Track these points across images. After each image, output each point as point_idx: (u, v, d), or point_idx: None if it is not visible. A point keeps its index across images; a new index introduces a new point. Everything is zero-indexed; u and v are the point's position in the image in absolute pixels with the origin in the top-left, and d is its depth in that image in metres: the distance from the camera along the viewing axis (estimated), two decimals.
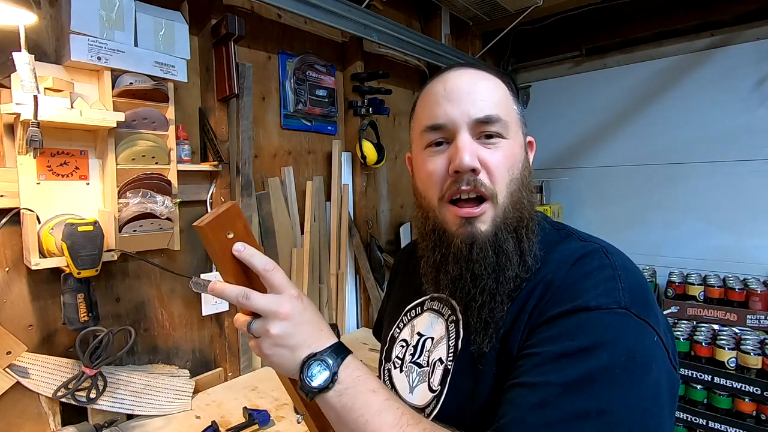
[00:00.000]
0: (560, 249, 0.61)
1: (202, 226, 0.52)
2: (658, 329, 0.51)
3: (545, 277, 0.58)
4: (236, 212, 0.54)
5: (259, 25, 1.68)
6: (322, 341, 0.53)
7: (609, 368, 0.47)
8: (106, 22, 1.11)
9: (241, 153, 1.52)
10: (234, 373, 1.53)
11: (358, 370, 0.52)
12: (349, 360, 0.53)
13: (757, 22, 2.15)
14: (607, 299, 0.51)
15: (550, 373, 0.49)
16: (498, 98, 0.63)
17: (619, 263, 0.56)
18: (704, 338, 1.71)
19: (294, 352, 0.52)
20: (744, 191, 2.22)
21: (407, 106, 2.44)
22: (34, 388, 1.10)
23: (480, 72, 0.65)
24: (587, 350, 0.48)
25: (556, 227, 0.67)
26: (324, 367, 0.51)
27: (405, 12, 2.38)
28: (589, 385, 0.47)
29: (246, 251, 0.53)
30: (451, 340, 0.65)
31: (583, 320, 0.51)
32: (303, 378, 0.51)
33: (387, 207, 2.33)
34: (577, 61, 2.76)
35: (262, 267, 0.53)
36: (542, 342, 0.52)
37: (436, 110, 0.63)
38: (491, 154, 0.61)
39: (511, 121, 0.63)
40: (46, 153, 1.10)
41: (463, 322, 0.64)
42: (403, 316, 0.76)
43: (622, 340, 0.49)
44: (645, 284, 0.56)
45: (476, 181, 0.60)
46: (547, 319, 0.54)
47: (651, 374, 0.48)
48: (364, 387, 0.51)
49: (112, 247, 1.15)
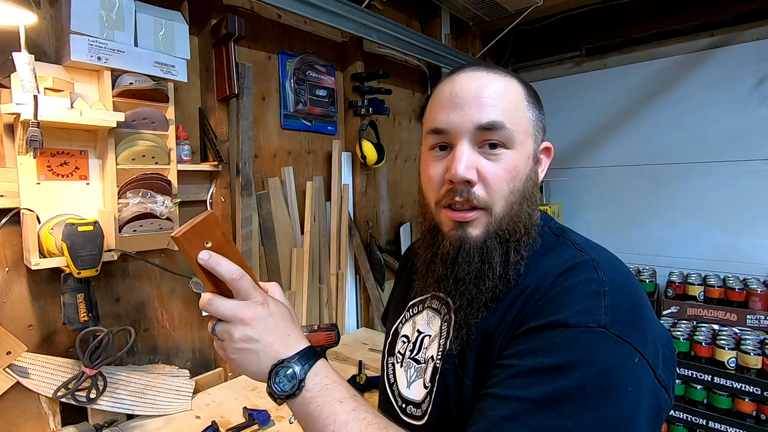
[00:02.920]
0: (552, 256, 0.60)
1: (177, 237, 0.51)
2: (644, 349, 0.50)
3: (530, 286, 0.57)
4: (214, 221, 0.54)
5: (259, 25, 1.68)
6: (290, 347, 0.53)
7: (581, 388, 0.46)
8: (106, 22, 1.11)
9: (241, 153, 1.52)
10: (234, 373, 1.52)
11: (326, 378, 0.52)
12: (318, 367, 0.53)
13: (757, 22, 2.15)
14: (586, 317, 0.50)
15: (521, 388, 0.49)
16: (507, 104, 0.60)
17: (607, 278, 0.54)
18: (704, 338, 1.71)
19: (259, 357, 0.53)
20: (744, 191, 2.22)
21: (407, 106, 2.45)
22: (34, 388, 1.10)
23: (492, 74, 0.62)
24: (561, 368, 0.48)
25: (556, 233, 0.65)
26: (291, 374, 0.51)
27: (405, 12, 2.38)
28: (559, 404, 0.46)
29: (211, 260, 0.52)
30: (442, 338, 0.65)
31: (560, 337, 0.50)
32: (270, 385, 0.51)
33: (387, 207, 2.33)
34: (577, 61, 2.76)
35: (228, 276, 0.53)
36: (518, 354, 0.52)
37: (440, 113, 0.62)
38: (491, 165, 0.60)
39: (519, 130, 0.61)
40: (46, 153, 1.10)
41: (454, 323, 0.64)
42: (405, 312, 0.77)
43: (597, 360, 0.48)
44: (636, 300, 0.54)
45: (470, 193, 0.59)
46: (525, 330, 0.53)
47: (627, 396, 0.47)
48: (332, 396, 0.51)
49: (112, 247, 1.15)
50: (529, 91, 0.64)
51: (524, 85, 0.64)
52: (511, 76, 0.63)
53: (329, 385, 0.52)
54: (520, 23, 2.43)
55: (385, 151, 2.04)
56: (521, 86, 0.63)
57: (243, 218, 1.54)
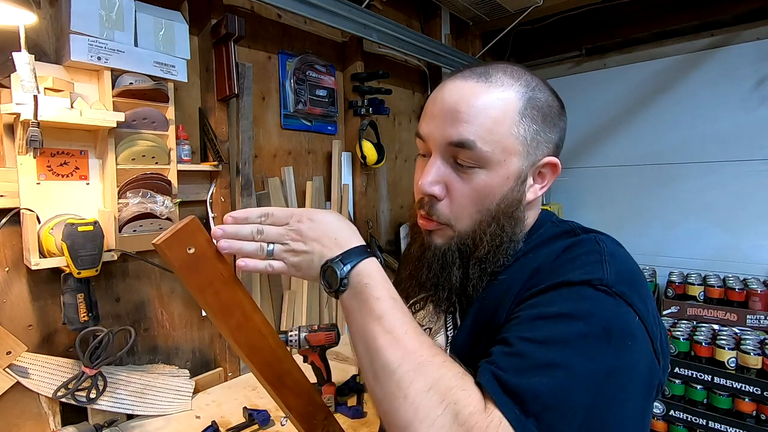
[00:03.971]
0: (556, 243, 0.61)
1: (158, 244, 0.51)
2: (644, 315, 0.51)
3: (534, 264, 0.58)
4: (196, 226, 0.53)
5: (259, 25, 1.68)
6: (335, 249, 0.55)
7: (583, 336, 0.48)
8: (106, 22, 1.11)
9: (241, 153, 1.52)
10: (234, 373, 1.53)
11: (368, 278, 0.53)
12: (362, 266, 0.54)
13: (757, 21, 2.15)
14: (590, 276, 0.52)
15: (525, 331, 0.50)
16: (485, 120, 0.57)
17: (608, 250, 0.56)
18: (704, 338, 1.71)
19: (312, 262, 0.55)
20: (744, 191, 2.22)
21: (407, 106, 2.44)
22: (34, 388, 1.10)
23: (481, 85, 0.58)
24: (563, 316, 0.49)
25: (556, 224, 0.66)
26: (335, 273, 0.53)
27: (405, 12, 2.38)
28: (562, 345, 0.47)
29: (227, 229, 0.56)
30: (449, 330, 0.66)
31: (564, 292, 0.52)
32: (321, 281, 0.55)
33: (387, 207, 2.33)
34: (577, 61, 2.76)
35: (255, 218, 0.57)
36: (522, 309, 0.54)
37: (424, 119, 0.63)
38: (461, 185, 0.59)
39: (496, 149, 0.57)
40: (46, 153, 1.10)
41: (459, 312, 0.65)
42: (409, 308, 0.77)
43: (599, 312, 0.49)
44: (635, 273, 0.55)
45: (431, 208, 0.61)
46: (530, 294, 0.55)
47: (627, 350, 0.48)
48: (369, 294, 0.52)
49: (112, 247, 1.15)
50: (532, 102, 0.59)
51: (527, 95, 0.59)
52: (507, 86, 0.58)
53: (369, 284, 0.53)
54: (520, 23, 2.43)
55: (385, 151, 2.04)
56: (519, 97, 0.58)
57: None
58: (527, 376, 0.46)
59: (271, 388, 0.60)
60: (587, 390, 0.45)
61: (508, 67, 0.61)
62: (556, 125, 0.62)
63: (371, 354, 0.50)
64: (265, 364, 0.60)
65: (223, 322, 0.57)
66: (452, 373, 0.47)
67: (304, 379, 0.63)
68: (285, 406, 0.60)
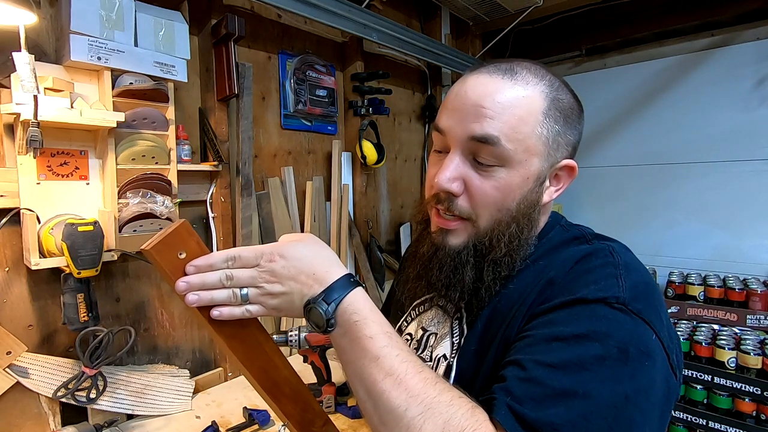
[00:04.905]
0: (567, 248, 0.60)
1: (147, 249, 0.49)
2: (659, 331, 0.50)
3: (548, 274, 0.57)
4: (186, 231, 0.51)
5: (259, 25, 1.68)
6: (314, 287, 0.52)
7: (600, 358, 0.47)
8: (106, 22, 1.11)
9: (241, 153, 1.52)
10: (234, 373, 1.52)
11: (355, 315, 0.50)
12: (348, 302, 0.51)
13: (757, 22, 2.15)
14: (605, 293, 0.51)
15: (540, 353, 0.49)
16: (511, 118, 0.55)
17: (623, 261, 0.55)
18: (704, 338, 1.71)
19: (293, 303, 0.52)
20: (744, 191, 2.22)
21: (407, 106, 2.45)
22: (34, 388, 1.10)
23: (506, 81, 0.57)
24: (579, 337, 0.48)
25: (566, 228, 0.65)
26: (319, 312, 0.50)
27: (405, 12, 2.38)
28: (578, 369, 0.46)
29: (196, 263, 0.51)
30: (455, 337, 0.65)
31: (579, 310, 0.50)
32: (308, 321, 0.52)
33: (387, 207, 2.33)
34: (577, 61, 2.76)
35: (222, 262, 0.52)
36: (536, 326, 0.52)
37: (444, 113, 0.61)
38: (481, 182, 0.57)
39: (520, 148, 0.56)
40: (46, 153, 1.10)
41: (466, 319, 0.64)
42: (411, 311, 0.76)
43: (615, 332, 0.48)
44: (650, 284, 0.54)
45: (451, 203, 0.59)
46: (544, 310, 0.53)
47: (644, 371, 0.47)
48: (361, 333, 0.50)
49: (112, 247, 1.15)
50: (556, 103, 0.58)
51: (551, 96, 0.58)
52: (533, 85, 0.57)
53: (358, 321, 0.50)
54: (520, 23, 2.43)
55: (385, 151, 2.04)
56: (543, 97, 0.57)
57: (243, 218, 1.54)
58: (545, 407, 0.45)
59: (268, 395, 0.58)
60: (605, 417, 0.45)
61: (532, 65, 0.60)
62: (575, 127, 0.62)
63: (374, 399, 0.48)
64: (262, 370, 0.58)
65: (216, 329, 0.54)
66: (462, 412, 0.45)
67: (302, 385, 0.61)
68: (283, 414, 0.58)
